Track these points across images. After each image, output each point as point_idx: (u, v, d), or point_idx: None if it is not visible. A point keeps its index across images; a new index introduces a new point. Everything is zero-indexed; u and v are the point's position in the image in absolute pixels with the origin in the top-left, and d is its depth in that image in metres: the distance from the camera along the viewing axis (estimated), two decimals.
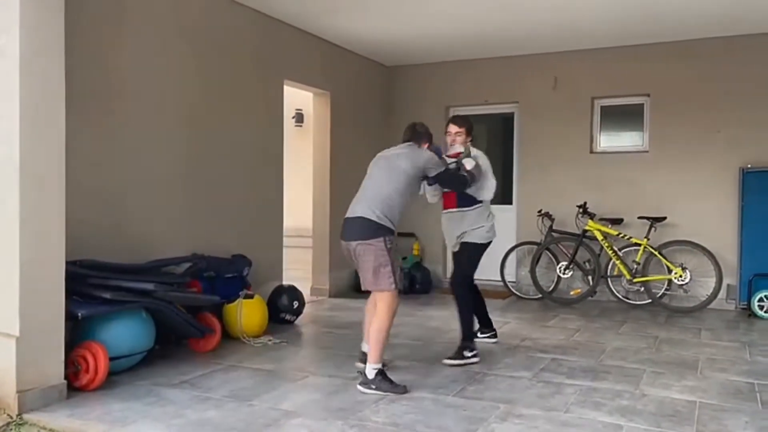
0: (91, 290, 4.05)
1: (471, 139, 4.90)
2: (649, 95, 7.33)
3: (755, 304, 6.46)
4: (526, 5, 5.96)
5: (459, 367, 4.49)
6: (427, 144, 4.39)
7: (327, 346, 5.25)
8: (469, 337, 4.70)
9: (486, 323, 5.26)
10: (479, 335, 5.17)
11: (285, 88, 6.67)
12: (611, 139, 7.68)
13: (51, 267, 3.66)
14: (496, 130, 8.94)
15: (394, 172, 4.09)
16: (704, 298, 6.69)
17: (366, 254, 3.92)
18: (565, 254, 7.32)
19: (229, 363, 4.56)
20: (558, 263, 7.39)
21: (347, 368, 4.42)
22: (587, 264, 7.24)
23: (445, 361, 4.56)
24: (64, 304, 3.74)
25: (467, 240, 4.80)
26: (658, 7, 5.95)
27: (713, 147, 6.97)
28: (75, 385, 3.82)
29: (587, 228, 7.13)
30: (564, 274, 7.32)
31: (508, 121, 8.30)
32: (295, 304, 5.95)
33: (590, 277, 7.19)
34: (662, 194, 7.16)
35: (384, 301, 3.93)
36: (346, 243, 4.04)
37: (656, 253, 6.84)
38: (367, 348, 4.12)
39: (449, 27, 6.72)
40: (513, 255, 7.69)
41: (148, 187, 5.02)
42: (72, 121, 3.85)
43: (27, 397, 3.51)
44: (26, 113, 3.53)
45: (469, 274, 4.87)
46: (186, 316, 4.58)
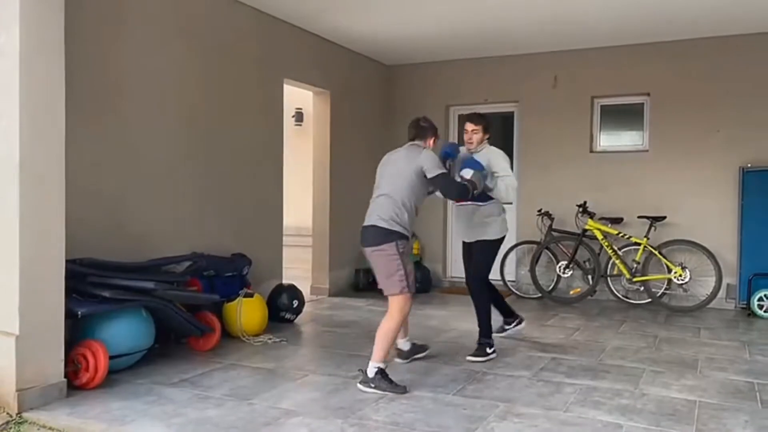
0: (90, 289, 4.05)
1: (489, 137, 4.87)
2: (649, 94, 7.32)
3: (755, 303, 6.46)
4: (526, 4, 5.95)
5: (480, 363, 4.58)
6: (433, 139, 4.33)
7: (327, 345, 5.25)
8: (488, 334, 4.74)
9: (509, 313, 5.35)
10: (506, 327, 5.33)
11: (285, 87, 6.67)
12: (611, 139, 7.68)
13: (51, 265, 3.66)
14: (496, 129, 8.91)
15: (398, 177, 4.12)
16: (704, 298, 6.70)
17: (379, 259, 4.04)
18: (565, 253, 7.32)
19: (229, 362, 4.56)
20: (558, 262, 7.39)
21: (347, 367, 4.42)
22: (587, 263, 7.24)
23: (469, 358, 4.63)
24: (63, 303, 3.74)
25: (481, 238, 4.80)
26: (659, 7, 5.95)
27: (713, 146, 6.97)
28: (75, 384, 3.83)
29: (587, 227, 7.13)
30: (564, 273, 7.33)
31: (508, 120, 8.29)
32: (295, 303, 5.95)
33: (590, 277, 7.19)
34: (662, 194, 7.16)
35: (395, 304, 4.01)
36: (363, 249, 4.17)
37: (656, 253, 6.84)
38: (403, 343, 4.53)
39: (449, 26, 6.71)
40: (513, 254, 7.69)
41: (148, 185, 5.02)
42: (72, 120, 3.85)
43: (27, 395, 3.51)
44: (26, 112, 3.53)
45: (486, 273, 4.88)
46: (186, 315, 4.58)
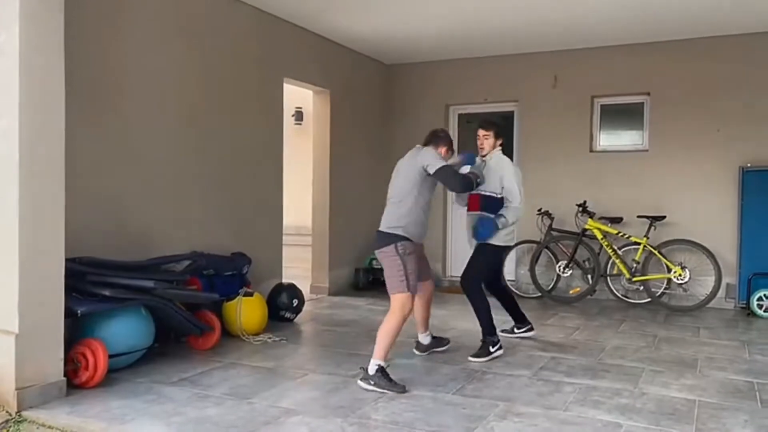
0: (90, 287, 4.05)
1: (501, 143, 4.89)
2: (649, 94, 7.32)
3: (754, 303, 6.47)
4: (526, 3, 5.95)
5: (484, 362, 4.57)
6: (445, 148, 4.41)
7: (326, 344, 5.25)
8: (491, 331, 4.71)
9: (520, 318, 5.36)
10: (515, 331, 5.35)
11: (285, 86, 6.67)
12: (611, 138, 7.68)
13: (51, 264, 3.66)
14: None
15: (404, 179, 4.24)
16: (703, 297, 6.70)
17: (383, 261, 4.21)
18: (565, 253, 7.32)
19: (229, 361, 4.56)
20: (557, 262, 7.39)
21: (347, 366, 4.42)
22: (587, 263, 7.24)
23: (471, 359, 4.61)
24: (63, 302, 3.74)
25: (484, 241, 4.77)
26: (659, 6, 5.95)
27: (713, 146, 6.97)
28: (74, 383, 3.82)
29: (587, 227, 7.13)
30: (563, 272, 7.33)
31: (507, 119, 8.28)
32: (295, 302, 5.96)
33: (589, 276, 7.19)
34: (662, 193, 7.17)
35: (396, 303, 4.07)
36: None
37: (656, 252, 6.84)
38: (423, 337, 4.75)
39: (449, 25, 6.71)
40: (512, 254, 7.69)
41: (148, 184, 5.02)
42: (72, 119, 3.85)
43: (26, 394, 3.51)
44: (26, 111, 3.53)
45: (481, 276, 4.83)
46: (185, 314, 4.58)
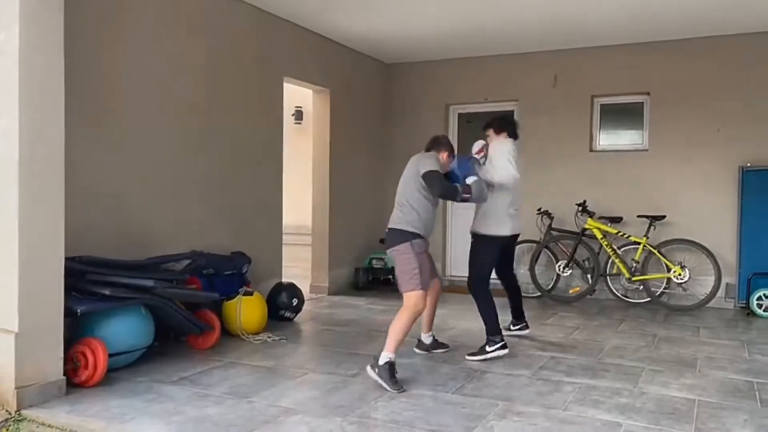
0: (90, 286, 4.05)
1: (506, 133, 4.85)
2: (648, 94, 7.33)
3: (754, 302, 6.47)
4: (526, 3, 5.95)
5: (481, 361, 4.55)
6: (446, 153, 4.45)
7: (326, 343, 5.26)
8: (493, 330, 4.66)
9: (519, 315, 5.38)
10: (511, 327, 5.33)
11: (284, 85, 6.67)
12: (611, 138, 7.68)
13: (50, 263, 3.66)
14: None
15: (407, 181, 4.30)
16: (703, 297, 6.70)
17: (395, 259, 4.24)
18: (565, 252, 7.33)
19: (229, 360, 4.56)
20: (557, 261, 7.39)
21: (346, 365, 4.43)
22: (586, 262, 7.24)
23: (468, 357, 4.62)
24: (63, 301, 3.74)
25: (473, 230, 4.80)
26: (659, 6, 5.95)
27: (713, 146, 6.97)
28: (74, 382, 3.82)
29: (586, 226, 7.13)
30: (563, 272, 7.33)
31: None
32: (295, 302, 5.96)
33: (589, 276, 7.19)
34: (661, 193, 7.17)
35: (409, 301, 4.10)
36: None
37: (655, 252, 6.84)
38: (425, 337, 4.83)
39: (449, 25, 6.71)
40: None
41: (148, 184, 5.02)
42: (71, 118, 3.85)
43: (26, 393, 3.51)
44: (26, 111, 3.53)
45: (482, 273, 4.78)
46: (185, 313, 4.58)
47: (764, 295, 6.44)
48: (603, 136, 7.67)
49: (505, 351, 4.64)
